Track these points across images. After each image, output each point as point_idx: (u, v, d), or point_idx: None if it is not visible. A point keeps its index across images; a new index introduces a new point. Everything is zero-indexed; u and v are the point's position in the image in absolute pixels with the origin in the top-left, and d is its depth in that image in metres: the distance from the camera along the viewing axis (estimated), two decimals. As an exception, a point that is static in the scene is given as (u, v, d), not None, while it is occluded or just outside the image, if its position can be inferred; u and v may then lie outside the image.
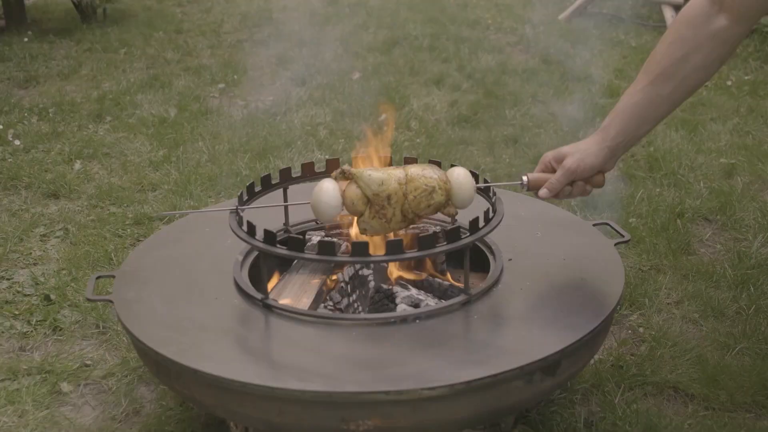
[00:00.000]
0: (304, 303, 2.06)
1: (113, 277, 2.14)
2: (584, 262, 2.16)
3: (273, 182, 2.28)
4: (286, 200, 2.31)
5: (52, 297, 2.86)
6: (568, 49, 6.09)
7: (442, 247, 1.88)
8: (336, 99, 5.19)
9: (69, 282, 2.95)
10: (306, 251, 1.90)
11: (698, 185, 3.75)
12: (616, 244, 2.23)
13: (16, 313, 2.77)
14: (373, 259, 1.84)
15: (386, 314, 1.90)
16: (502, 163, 4.10)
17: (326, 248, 1.85)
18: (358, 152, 2.34)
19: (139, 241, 3.35)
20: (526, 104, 4.96)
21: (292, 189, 2.31)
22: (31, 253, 3.22)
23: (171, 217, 3.40)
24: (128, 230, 3.40)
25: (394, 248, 1.83)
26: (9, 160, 4.16)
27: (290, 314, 1.93)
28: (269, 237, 1.91)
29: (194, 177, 3.91)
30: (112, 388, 2.40)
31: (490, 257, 2.19)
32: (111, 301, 2.02)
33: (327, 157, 4.10)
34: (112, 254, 3.14)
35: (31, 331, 2.68)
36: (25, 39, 6.75)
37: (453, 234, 1.89)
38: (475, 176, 2.13)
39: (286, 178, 2.31)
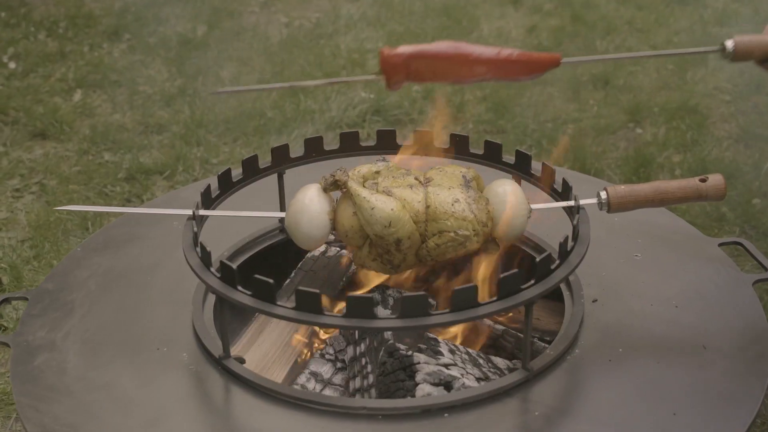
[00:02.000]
0: (285, 363, 1.46)
1: (26, 300, 1.55)
2: (706, 312, 1.48)
3: (262, 166, 1.63)
4: (282, 192, 1.67)
5: (4, 281, 2.30)
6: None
7: (486, 307, 1.22)
8: (393, 19, 4.46)
9: (30, 259, 2.40)
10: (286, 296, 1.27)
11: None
12: (756, 283, 1.53)
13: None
14: (380, 325, 1.20)
15: (398, 402, 1.28)
16: (588, 112, 3.36)
17: (307, 301, 1.21)
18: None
19: (129, 202, 2.76)
20: (621, 33, 4.14)
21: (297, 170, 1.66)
22: (-7, 213, 2.68)
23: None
24: (118, 187, 2.82)
25: (415, 306, 1.19)
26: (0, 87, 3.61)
27: (259, 388, 1.31)
28: (227, 274, 1.28)
29: (210, 116, 3.29)
30: None
31: (566, 294, 1.53)
32: (7, 345, 1.43)
33: (371, 95, 3.43)
34: (90, 223, 2.57)
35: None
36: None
37: (510, 284, 1.23)
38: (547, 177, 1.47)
39: (282, 160, 1.66)
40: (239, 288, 1.28)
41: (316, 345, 1.56)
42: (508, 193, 1.43)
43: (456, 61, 1.37)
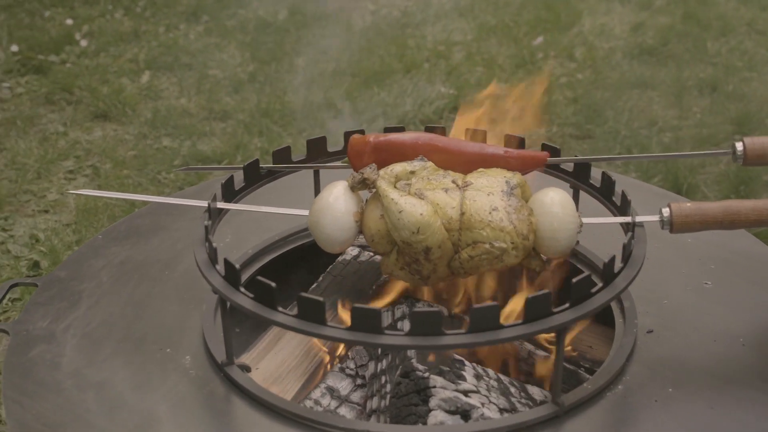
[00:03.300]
0: (301, 375, 1.41)
1: (35, 286, 1.54)
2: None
3: (295, 159, 1.59)
4: (318, 189, 1.62)
5: (42, 265, 2.34)
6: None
7: (509, 330, 1.14)
8: (487, 10, 4.38)
9: (72, 244, 2.43)
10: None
11: None
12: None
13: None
14: (386, 342, 1.14)
15: (406, 429, 1.21)
16: (691, 120, 3.20)
17: (310, 309, 1.16)
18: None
19: (180, 190, 2.77)
20: (738, 35, 3.95)
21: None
22: (45, 195, 2.73)
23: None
24: (172, 174, 2.83)
25: (426, 323, 1.12)
26: (68, 65, 3.68)
27: (258, 401, 1.27)
28: (230, 274, 1.24)
29: (276, 106, 3.28)
30: None
31: (618, 321, 1.43)
32: (6, 332, 1.42)
33: (450, 91, 3.36)
34: (137, 210, 2.58)
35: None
36: None
37: (539, 306, 1.15)
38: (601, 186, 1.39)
39: (319, 154, 1.61)
40: (241, 290, 1.23)
41: (337, 357, 1.50)
42: (554, 204, 1.35)
43: (427, 154, 1.41)
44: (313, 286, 1.60)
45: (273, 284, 1.19)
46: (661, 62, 3.73)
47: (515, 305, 1.47)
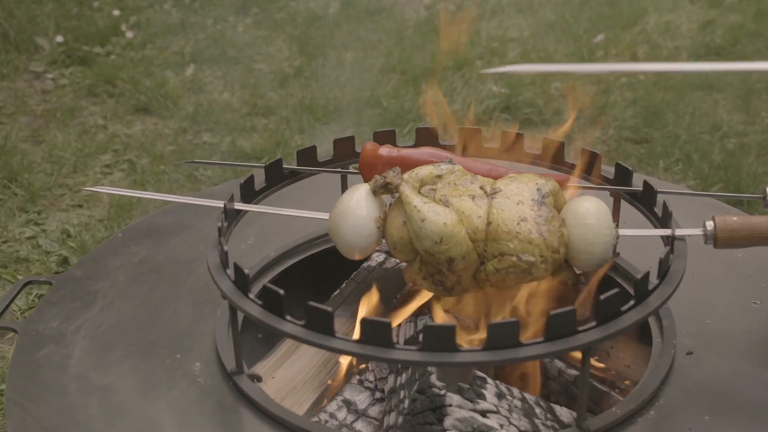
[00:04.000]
0: (318, 386, 1.38)
1: (50, 284, 1.54)
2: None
3: (320, 159, 1.57)
4: (345, 190, 1.59)
5: (72, 261, 2.35)
6: None
7: (529, 348, 1.10)
8: (547, 5, 4.31)
9: (102, 240, 2.43)
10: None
11: None
12: None
13: (12, 281, 2.29)
14: (395, 357, 1.10)
15: (418, 450, 1.17)
16: (758, 125, 3.09)
17: (319, 320, 1.13)
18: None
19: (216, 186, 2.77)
20: (815, 35, 3.82)
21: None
22: (80, 190, 2.74)
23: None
24: (210, 171, 2.83)
25: (439, 338, 1.08)
26: (112, 57, 3.72)
27: (266, 413, 1.25)
28: (240, 279, 1.22)
29: (321, 102, 3.26)
30: None
31: (656, 341, 1.37)
32: (15, 330, 1.42)
33: (502, 90, 3.30)
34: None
35: None
36: None
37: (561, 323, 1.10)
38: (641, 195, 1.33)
39: (346, 155, 1.59)
40: (250, 296, 1.21)
41: (356, 369, 1.47)
42: (589, 214, 1.30)
43: None
44: (335, 293, 1.58)
45: (281, 292, 1.16)
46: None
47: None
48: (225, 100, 3.36)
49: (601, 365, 1.50)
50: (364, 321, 1.11)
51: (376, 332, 1.11)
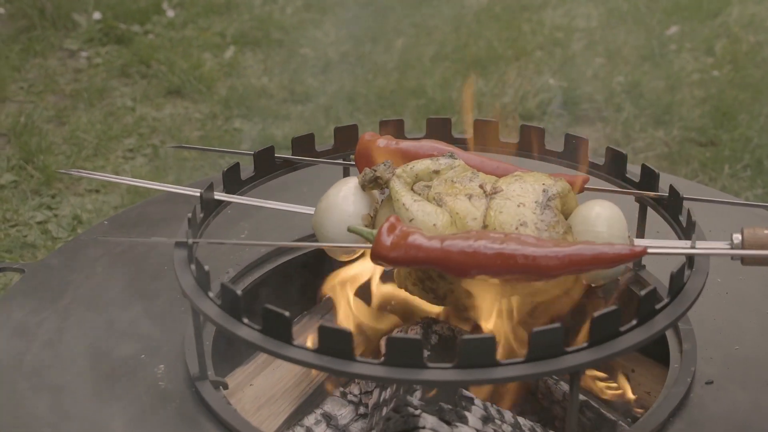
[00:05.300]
0: (298, 396, 1.34)
1: (22, 272, 1.51)
2: None
3: (321, 149, 1.52)
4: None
5: (79, 249, 2.33)
6: None
7: (507, 369, 1.02)
8: (619, -6, 4.18)
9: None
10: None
11: None
12: None
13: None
14: (356, 371, 1.03)
15: (382, 476, 1.11)
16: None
17: (276, 325, 1.07)
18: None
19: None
20: None
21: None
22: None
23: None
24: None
25: (404, 352, 1.01)
26: (150, 37, 3.72)
27: (225, 424, 1.19)
28: (201, 275, 1.17)
29: (362, 90, 3.21)
30: None
31: (674, 366, 1.28)
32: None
33: (560, 84, 3.20)
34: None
35: None
36: None
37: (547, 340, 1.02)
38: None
39: (347, 145, 1.53)
40: (210, 295, 1.16)
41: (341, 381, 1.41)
42: (600, 221, 1.22)
43: None
44: (326, 296, 1.52)
45: (239, 292, 1.10)
46: (816, 61, 3.46)
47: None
48: (262, 84, 3.32)
49: (617, 390, 1.42)
50: (321, 328, 1.04)
51: (336, 342, 1.04)
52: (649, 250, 1.13)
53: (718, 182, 2.60)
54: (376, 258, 1.15)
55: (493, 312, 1.29)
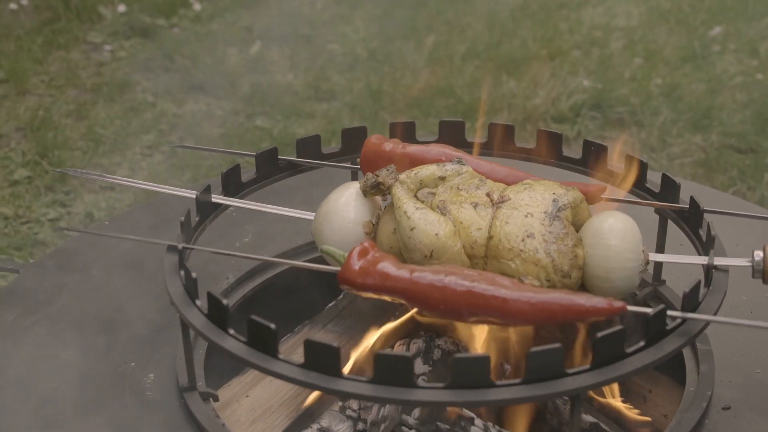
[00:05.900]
0: (294, 409, 1.32)
1: (17, 273, 1.50)
2: None
3: (327, 152, 1.49)
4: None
5: (89, 249, 2.33)
6: None
7: (501, 391, 0.98)
8: (664, -7, 4.11)
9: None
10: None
11: None
12: None
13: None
14: (339, 388, 1.00)
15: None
16: None
17: (261, 337, 1.04)
18: None
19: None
20: None
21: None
22: (115, 171, 2.73)
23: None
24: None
25: (394, 370, 0.98)
26: (176, 30, 3.72)
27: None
28: (189, 283, 1.14)
29: (389, 89, 3.17)
30: None
31: (689, 390, 1.23)
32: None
33: (593, 85, 3.14)
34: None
35: None
36: None
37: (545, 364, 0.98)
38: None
39: (355, 147, 1.49)
40: (197, 303, 1.13)
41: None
42: (613, 234, 1.17)
43: None
44: (330, 305, 1.49)
45: (225, 301, 1.08)
46: None
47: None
48: (287, 81, 3.30)
49: (633, 413, 1.37)
50: (307, 343, 1.01)
51: (323, 357, 1.01)
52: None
53: (757, 191, 2.53)
54: (343, 282, 1.12)
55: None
